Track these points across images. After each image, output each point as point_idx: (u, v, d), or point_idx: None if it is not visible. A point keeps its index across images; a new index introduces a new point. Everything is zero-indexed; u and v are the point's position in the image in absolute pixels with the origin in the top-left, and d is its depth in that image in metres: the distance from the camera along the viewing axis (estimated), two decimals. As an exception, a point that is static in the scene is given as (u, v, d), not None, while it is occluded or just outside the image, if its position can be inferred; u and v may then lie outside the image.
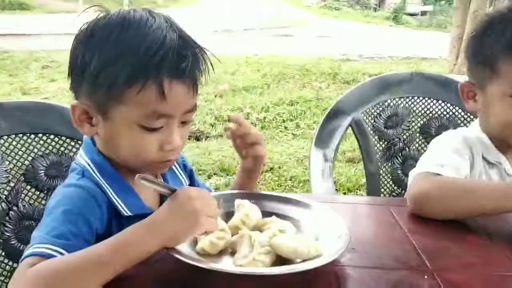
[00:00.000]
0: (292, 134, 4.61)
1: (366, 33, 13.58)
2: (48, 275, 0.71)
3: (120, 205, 0.88)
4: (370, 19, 18.88)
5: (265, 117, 4.93)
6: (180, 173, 1.06)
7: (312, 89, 6.09)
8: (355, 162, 3.88)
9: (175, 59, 0.81)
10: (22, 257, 0.76)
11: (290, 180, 3.54)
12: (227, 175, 3.59)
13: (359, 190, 3.42)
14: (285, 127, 4.77)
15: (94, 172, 0.89)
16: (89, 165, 0.90)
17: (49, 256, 0.74)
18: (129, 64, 0.80)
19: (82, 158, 0.92)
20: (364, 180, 3.52)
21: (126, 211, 0.89)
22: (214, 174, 3.56)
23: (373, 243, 0.92)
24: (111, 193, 0.89)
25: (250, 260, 0.78)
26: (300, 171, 3.68)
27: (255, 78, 6.52)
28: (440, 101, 1.71)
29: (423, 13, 20.94)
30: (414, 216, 1.05)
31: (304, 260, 0.78)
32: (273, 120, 4.91)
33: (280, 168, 3.74)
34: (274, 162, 3.81)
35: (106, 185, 0.89)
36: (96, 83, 0.82)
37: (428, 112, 1.72)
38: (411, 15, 20.38)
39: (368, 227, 1.01)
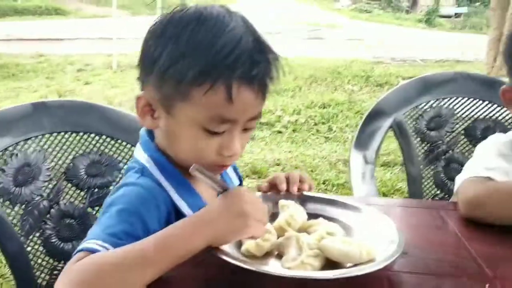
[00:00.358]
0: (325, 137, 4.56)
1: (398, 36, 13.39)
2: (92, 268, 0.69)
3: (182, 204, 0.86)
4: (402, 22, 18.63)
5: (296, 120, 4.89)
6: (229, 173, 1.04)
7: (344, 92, 6.02)
8: (390, 166, 3.80)
9: (248, 63, 0.78)
10: (74, 252, 0.75)
11: (323, 183, 3.49)
12: (259, 177, 3.57)
13: (395, 195, 3.34)
14: (317, 130, 4.72)
15: (154, 169, 0.87)
16: (148, 162, 0.88)
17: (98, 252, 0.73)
18: (200, 62, 0.77)
19: (140, 155, 0.90)
20: (400, 184, 3.46)
21: (188, 210, 0.86)
22: (246, 176, 3.54)
23: (426, 248, 0.87)
24: (172, 191, 0.87)
25: (299, 263, 0.75)
26: (333, 174, 3.62)
27: (286, 80, 6.48)
28: (485, 102, 1.64)
29: (457, 15, 20.52)
30: (467, 220, 1.00)
31: (355, 264, 0.75)
32: (305, 123, 4.87)
33: (312, 171, 3.69)
34: (306, 166, 3.77)
35: (167, 183, 0.87)
36: (164, 77, 0.80)
37: (473, 113, 1.65)
38: (445, 17, 20.01)
39: (418, 231, 0.96)
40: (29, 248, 1.18)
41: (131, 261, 0.70)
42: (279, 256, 0.81)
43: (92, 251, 0.72)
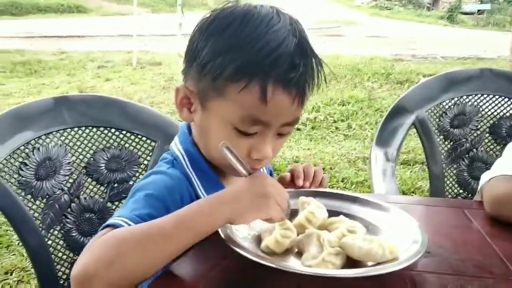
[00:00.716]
0: (344, 134, 4.52)
1: (419, 33, 13.22)
2: (113, 242, 0.70)
3: None
4: (423, 19, 18.40)
5: (315, 117, 4.85)
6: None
7: (364, 89, 5.95)
8: (410, 164, 3.75)
9: (285, 66, 0.77)
10: (100, 228, 0.76)
11: (342, 181, 3.46)
12: (277, 175, 3.54)
13: (415, 193, 3.30)
14: (336, 128, 4.68)
15: (186, 163, 0.88)
16: (182, 155, 0.89)
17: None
18: (239, 59, 0.77)
19: (175, 147, 0.91)
20: (420, 183, 3.41)
21: None
22: (265, 173, 3.53)
23: (449, 248, 0.85)
24: (199, 187, 0.87)
25: (320, 261, 0.73)
26: (353, 172, 3.59)
27: (305, 78, 6.44)
28: (512, 99, 1.60)
29: (480, 12, 20.16)
30: (492, 219, 0.98)
31: (377, 263, 0.73)
32: (324, 120, 4.83)
33: (331, 169, 3.66)
34: (325, 163, 3.74)
35: (196, 177, 0.88)
36: (203, 71, 0.81)
37: (498, 111, 1.61)
38: (467, 14, 19.68)
39: (442, 230, 0.94)
40: (49, 242, 1.19)
41: (150, 236, 0.70)
42: (299, 254, 0.80)
43: (117, 226, 0.73)
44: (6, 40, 9.91)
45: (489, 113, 1.61)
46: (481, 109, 1.61)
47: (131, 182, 1.27)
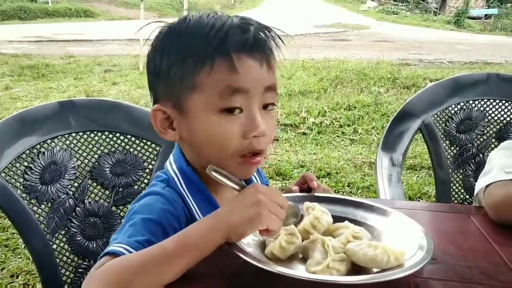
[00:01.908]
0: (350, 139, 4.51)
1: (426, 38, 13.19)
2: (117, 270, 0.70)
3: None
4: (430, 23, 18.38)
5: (321, 122, 4.84)
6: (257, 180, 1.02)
7: (371, 93, 5.93)
8: (416, 170, 3.73)
9: (238, 33, 0.79)
10: (99, 257, 0.76)
11: (348, 186, 3.44)
12: (283, 179, 3.54)
13: (421, 199, 3.28)
14: (342, 132, 4.67)
15: (180, 183, 0.88)
16: (176, 174, 0.88)
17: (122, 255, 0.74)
18: (195, 50, 0.80)
19: (170, 166, 0.90)
20: (426, 188, 3.39)
21: None
22: (270, 178, 3.53)
23: (456, 254, 0.84)
24: (194, 208, 0.87)
25: (324, 267, 0.73)
26: (359, 177, 3.57)
27: (311, 82, 6.45)
28: (519, 105, 1.59)
29: (487, 16, 20.09)
30: (498, 225, 0.97)
31: (382, 270, 0.72)
32: (330, 125, 4.82)
33: (337, 173, 3.65)
34: (331, 168, 3.73)
35: (190, 197, 0.87)
36: (169, 78, 0.82)
37: (505, 116, 1.60)
38: (474, 18, 19.64)
39: (448, 236, 0.93)
40: (54, 246, 1.19)
41: (154, 259, 0.70)
42: (304, 260, 0.79)
43: (117, 254, 0.73)
44: (14, 44, 10.00)
45: (496, 118, 1.60)
46: (487, 114, 1.60)
47: (135, 187, 1.27)
